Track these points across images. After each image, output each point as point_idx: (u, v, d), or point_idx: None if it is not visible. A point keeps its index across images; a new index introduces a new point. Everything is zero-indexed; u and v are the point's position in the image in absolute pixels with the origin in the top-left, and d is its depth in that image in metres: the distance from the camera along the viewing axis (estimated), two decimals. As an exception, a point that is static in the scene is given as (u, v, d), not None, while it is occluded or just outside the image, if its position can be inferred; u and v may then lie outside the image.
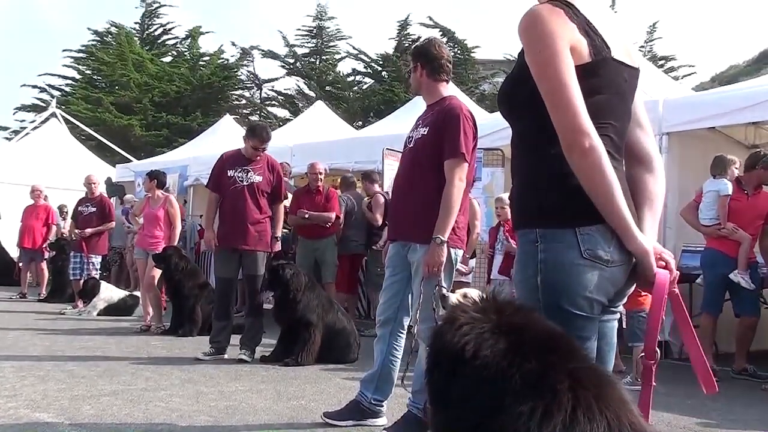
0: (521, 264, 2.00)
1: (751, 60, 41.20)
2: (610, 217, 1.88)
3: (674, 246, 7.22)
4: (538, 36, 1.90)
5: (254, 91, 33.72)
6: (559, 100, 1.86)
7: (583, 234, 1.89)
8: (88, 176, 10.93)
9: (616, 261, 1.91)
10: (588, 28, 1.95)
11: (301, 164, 11.12)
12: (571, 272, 1.89)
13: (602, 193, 1.87)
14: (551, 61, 1.87)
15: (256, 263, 6.63)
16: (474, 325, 1.68)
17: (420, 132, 4.14)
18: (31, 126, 21.96)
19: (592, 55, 1.93)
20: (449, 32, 28.96)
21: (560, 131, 1.87)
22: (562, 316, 1.88)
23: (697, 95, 8.45)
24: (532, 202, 1.98)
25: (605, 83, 1.97)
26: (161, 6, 33.66)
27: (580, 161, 1.85)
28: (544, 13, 1.92)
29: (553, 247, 1.91)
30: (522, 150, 2.07)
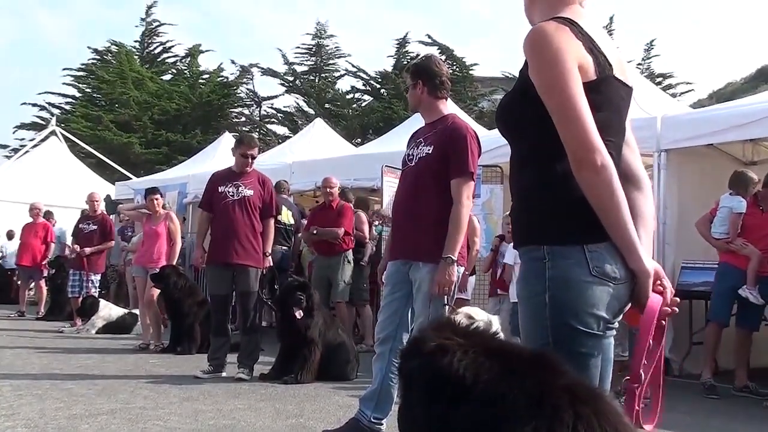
0: (527, 281, 1.99)
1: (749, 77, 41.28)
2: (617, 235, 1.88)
3: (674, 262, 7.22)
4: (546, 52, 1.90)
5: (254, 108, 33.83)
6: (570, 117, 1.86)
7: (592, 251, 1.89)
8: (90, 194, 10.92)
9: (621, 278, 1.91)
10: (592, 45, 1.96)
11: (301, 181, 11.16)
12: (579, 289, 1.88)
13: (611, 210, 1.87)
14: (561, 78, 1.87)
15: (248, 280, 6.60)
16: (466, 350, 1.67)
17: (424, 150, 4.14)
18: (30, 144, 21.99)
19: (596, 72, 1.94)
20: (448, 50, 29.07)
21: (571, 147, 1.87)
22: (570, 333, 1.89)
23: (695, 112, 8.47)
24: (539, 219, 1.98)
25: (607, 101, 1.97)
26: (161, 25, 33.86)
27: (592, 178, 1.85)
28: (551, 30, 1.92)
29: (562, 264, 1.90)
30: (525, 167, 2.06)
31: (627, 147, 2.14)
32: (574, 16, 2.00)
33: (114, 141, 26.75)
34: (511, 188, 2.14)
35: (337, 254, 8.59)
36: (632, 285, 1.94)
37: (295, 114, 31.46)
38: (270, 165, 10.88)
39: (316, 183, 11.01)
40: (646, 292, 1.91)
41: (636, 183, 2.11)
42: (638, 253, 1.89)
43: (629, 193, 2.08)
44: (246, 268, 6.58)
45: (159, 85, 30.79)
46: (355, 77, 31.11)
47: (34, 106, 30.85)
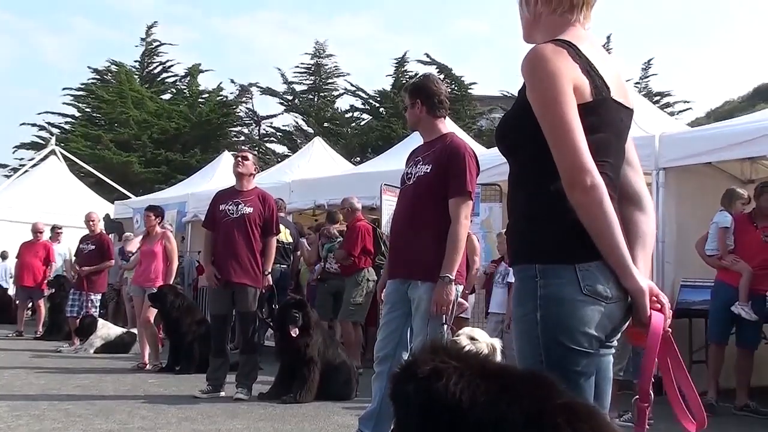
0: (520, 299, 2.00)
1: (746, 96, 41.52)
2: (608, 255, 1.90)
3: (673, 280, 7.22)
4: (542, 74, 1.92)
5: (253, 127, 33.96)
6: (562, 138, 1.88)
7: (583, 270, 1.90)
8: (87, 214, 10.92)
9: (613, 297, 1.92)
10: (589, 68, 1.98)
11: (300, 200, 11.17)
12: (571, 308, 1.90)
13: (602, 230, 1.88)
14: (555, 100, 1.89)
15: (247, 300, 6.58)
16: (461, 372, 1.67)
17: (422, 169, 4.15)
18: (30, 164, 22.02)
19: (593, 94, 1.96)
20: (446, 69, 29.19)
21: (562, 168, 1.89)
22: (561, 351, 1.90)
23: (693, 131, 8.49)
24: (532, 238, 2.00)
25: (604, 122, 1.99)
26: (161, 45, 34.02)
27: (582, 198, 1.87)
28: (548, 52, 1.94)
29: (553, 282, 1.92)
30: (520, 186, 2.08)
31: (629, 167, 2.16)
32: (574, 39, 2.02)
33: (113, 160, 26.79)
34: (508, 205, 2.16)
35: (350, 275, 8.62)
36: (626, 304, 1.94)
37: (294, 133, 31.56)
38: (269, 184, 10.88)
39: (315, 201, 11.04)
40: (644, 310, 1.91)
41: (637, 202, 2.13)
42: (631, 271, 1.90)
43: (630, 212, 2.09)
44: (245, 287, 6.56)
45: (158, 105, 30.89)
46: (353, 96, 31.26)
47: (34, 125, 30.97)
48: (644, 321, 1.91)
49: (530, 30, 2.15)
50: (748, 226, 6.63)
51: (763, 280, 6.42)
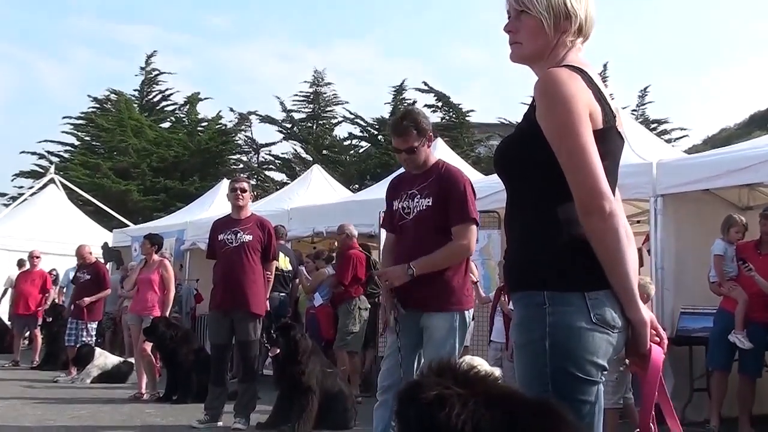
0: (524, 327, 1.97)
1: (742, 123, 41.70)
2: (618, 284, 1.88)
3: (673, 308, 7.19)
4: (559, 97, 1.90)
5: (252, 155, 33.99)
6: (582, 163, 1.87)
7: (592, 299, 1.89)
8: (78, 249, 10.86)
9: (620, 327, 1.91)
10: (600, 95, 1.98)
11: (299, 228, 11.16)
12: (580, 337, 1.87)
13: (615, 258, 1.87)
14: (574, 123, 1.88)
15: (246, 328, 6.55)
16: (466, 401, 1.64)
17: (422, 203, 4.12)
18: (29, 192, 22.02)
19: (603, 122, 1.95)
20: (444, 97, 29.34)
21: (580, 193, 1.87)
22: (568, 380, 1.88)
23: (691, 157, 8.52)
24: (539, 264, 1.97)
25: (609, 150, 1.99)
26: (160, 74, 34.20)
27: (600, 225, 1.86)
28: (564, 76, 1.93)
29: (563, 310, 1.89)
30: (526, 209, 2.05)
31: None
32: (582, 65, 2.02)
33: (112, 188, 26.80)
34: (507, 230, 2.13)
35: (343, 302, 8.60)
36: (627, 334, 1.93)
37: (293, 160, 31.61)
38: (268, 211, 10.87)
39: (314, 229, 11.02)
40: (644, 342, 1.90)
41: None
42: (637, 302, 1.90)
43: None
44: (244, 316, 6.53)
45: (158, 133, 30.97)
46: (352, 124, 31.34)
47: (33, 154, 30.96)
48: (643, 353, 1.90)
49: (541, 52, 2.07)
50: (753, 253, 6.62)
51: (763, 308, 6.39)
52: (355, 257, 8.60)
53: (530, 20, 2.04)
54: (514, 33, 2.10)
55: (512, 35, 2.10)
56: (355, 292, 8.56)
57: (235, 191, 6.72)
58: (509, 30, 2.10)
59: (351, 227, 8.77)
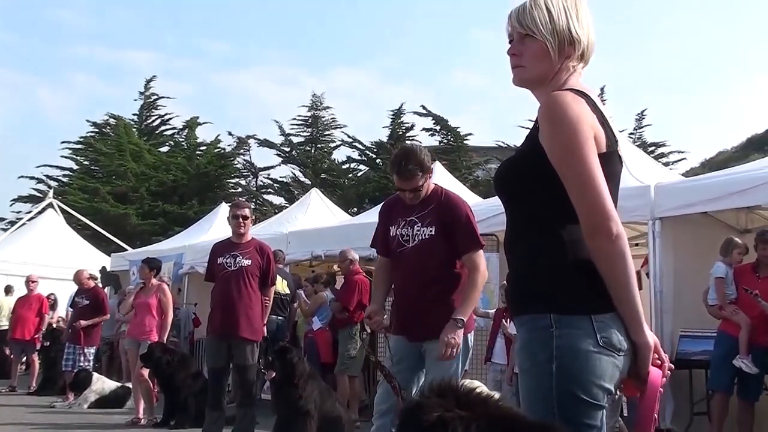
0: (530, 350, 1.96)
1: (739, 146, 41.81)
2: (625, 306, 1.88)
3: (672, 331, 7.17)
4: (565, 120, 1.91)
5: (250, 179, 34.06)
6: (588, 184, 1.87)
7: (599, 321, 1.88)
8: (76, 274, 10.84)
9: (625, 350, 1.90)
10: (603, 119, 1.99)
11: (297, 251, 11.14)
12: (587, 360, 1.86)
13: (622, 281, 1.87)
14: (580, 146, 1.88)
15: (244, 353, 6.51)
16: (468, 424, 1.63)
17: (425, 231, 4.12)
18: (27, 217, 22.02)
19: (607, 146, 1.96)
20: (442, 120, 29.43)
21: (586, 215, 1.88)
22: (575, 403, 1.87)
23: (689, 180, 8.54)
24: (545, 287, 1.96)
25: (611, 174, 2.00)
26: (159, 98, 34.33)
27: (606, 246, 1.86)
28: (569, 99, 1.94)
29: (570, 333, 1.88)
30: (530, 231, 2.04)
31: None
32: (585, 89, 2.03)
33: (110, 212, 26.80)
34: (509, 253, 2.12)
35: (344, 327, 8.57)
36: (631, 357, 1.92)
37: (292, 184, 31.63)
38: (266, 235, 10.87)
39: (312, 253, 11.01)
40: (646, 366, 1.89)
41: None
42: (642, 325, 1.89)
43: None
44: (242, 340, 6.50)
45: (156, 157, 31.06)
46: (350, 147, 31.38)
47: (32, 179, 31.01)
48: (643, 376, 1.89)
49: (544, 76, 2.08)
50: (751, 276, 6.61)
51: (764, 331, 6.37)
52: (360, 283, 8.56)
53: (535, 44, 2.05)
54: (517, 56, 2.10)
55: (516, 59, 2.10)
56: (357, 318, 8.52)
57: (237, 218, 6.70)
58: (513, 53, 2.11)
59: (353, 253, 8.75)
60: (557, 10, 2.04)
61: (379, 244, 4.43)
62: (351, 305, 8.45)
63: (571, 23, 2.03)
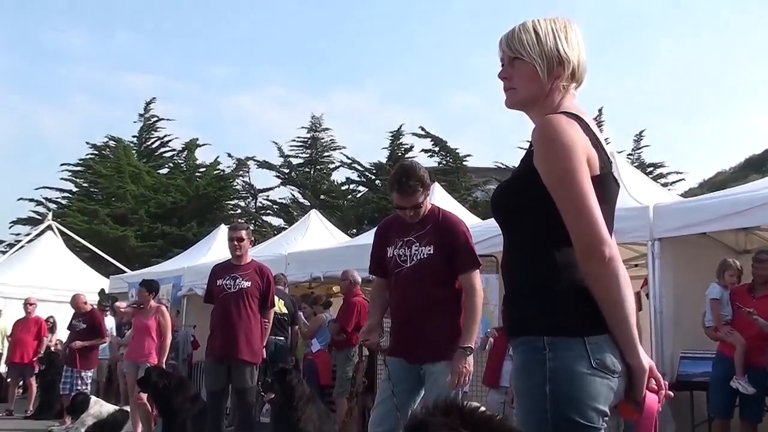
0: (525, 372, 1.97)
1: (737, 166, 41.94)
2: (619, 329, 1.88)
3: (672, 352, 7.14)
4: (558, 144, 1.92)
5: (249, 200, 34.11)
6: (582, 209, 1.88)
7: (592, 344, 1.89)
8: (74, 298, 10.79)
9: (619, 372, 1.90)
10: (597, 142, 2.00)
11: (296, 273, 11.12)
12: (581, 382, 1.87)
13: (616, 304, 1.88)
14: (574, 170, 1.89)
15: (243, 375, 6.47)
16: None
17: (423, 251, 4.12)
18: (26, 239, 22.00)
19: (600, 168, 1.97)
20: (441, 142, 29.52)
21: (580, 238, 1.88)
22: (570, 426, 1.86)
23: (687, 201, 8.54)
24: (538, 309, 1.96)
25: (606, 196, 2.01)
26: (159, 120, 34.44)
27: (600, 270, 1.86)
28: (562, 123, 1.95)
29: (563, 355, 1.89)
30: (522, 255, 2.06)
31: None
32: (578, 112, 2.04)
33: (109, 234, 26.79)
34: (505, 275, 2.13)
35: (341, 349, 8.52)
36: (626, 379, 1.92)
37: (291, 205, 31.67)
38: (265, 256, 10.87)
39: (311, 274, 10.99)
40: (641, 390, 1.89)
41: None
42: (637, 349, 1.89)
43: None
44: (242, 363, 6.47)
45: (156, 179, 31.11)
46: (349, 169, 31.49)
47: (31, 201, 31.06)
48: (638, 400, 1.89)
49: (535, 98, 2.10)
50: (746, 297, 6.60)
51: (761, 352, 6.34)
52: (359, 305, 8.53)
53: (524, 66, 2.08)
54: (508, 79, 2.13)
55: (507, 81, 2.13)
56: (355, 340, 8.47)
57: (232, 241, 6.71)
58: (503, 77, 2.14)
59: (355, 273, 8.73)
60: (545, 32, 2.06)
61: (374, 265, 4.43)
62: (349, 327, 8.42)
63: (559, 43, 2.06)
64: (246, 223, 9.70)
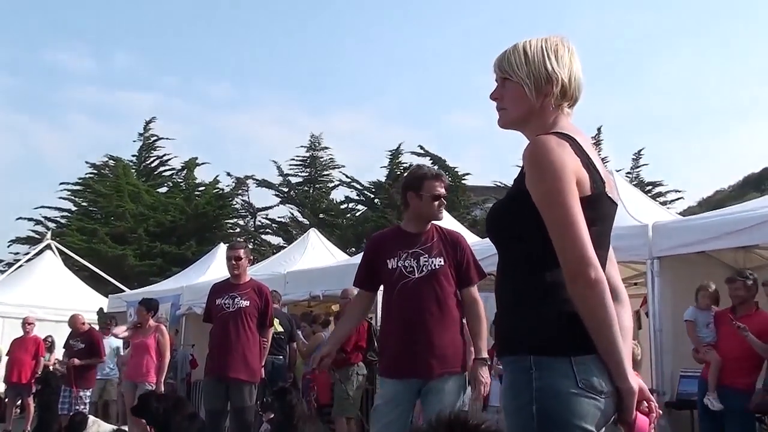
0: (513, 391, 1.97)
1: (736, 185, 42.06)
2: (605, 351, 1.88)
3: (672, 371, 7.12)
4: (547, 165, 1.93)
5: (248, 219, 34.13)
6: (568, 230, 1.89)
7: (579, 364, 1.88)
8: (72, 319, 10.74)
9: (607, 393, 1.90)
10: (588, 162, 2.00)
11: (295, 291, 11.11)
12: (567, 402, 1.86)
13: (601, 325, 1.87)
14: (561, 191, 1.90)
15: (242, 395, 6.45)
16: None
17: (433, 262, 4.14)
18: (24, 258, 21.98)
19: (592, 189, 1.98)
20: (440, 160, 29.59)
21: (566, 260, 1.89)
22: None
23: (686, 220, 8.55)
24: (526, 329, 1.97)
25: (599, 216, 2.01)
26: (159, 139, 34.54)
27: (585, 291, 1.86)
28: (552, 144, 1.96)
29: (549, 375, 1.89)
30: (512, 275, 2.08)
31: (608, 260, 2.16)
32: (572, 132, 2.05)
33: (108, 253, 26.78)
34: (497, 294, 2.15)
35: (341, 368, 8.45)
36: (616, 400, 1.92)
37: (290, 224, 31.70)
38: (264, 275, 10.87)
39: (310, 293, 10.98)
40: (630, 413, 1.90)
41: (616, 295, 2.10)
42: (624, 370, 1.89)
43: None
44: (240, 382, 6.44)
45: (155, 198, 31.15)
46: (348, 187, 31.59)
47: (30, 220, 31.07)
48: (629, 422, 1.89)
49: (526, 117, 2.12)
50: (725, 318, 6.57)
51: (742, 373, 6.30)
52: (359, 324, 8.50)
53: (513, 87, 2.11)
54: (499, 100, 2.17)
55: (498, 102, 2.17)
56: (354, 359, 8.45)
57: (230, 260, 6.73)
58: (494, 98, 2.18)
59: (355, 292, 8.66)
60: (533, 52, 2.09)
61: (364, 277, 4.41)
62: (348, 346, 8.38)
63: (547, 61, 2.08)
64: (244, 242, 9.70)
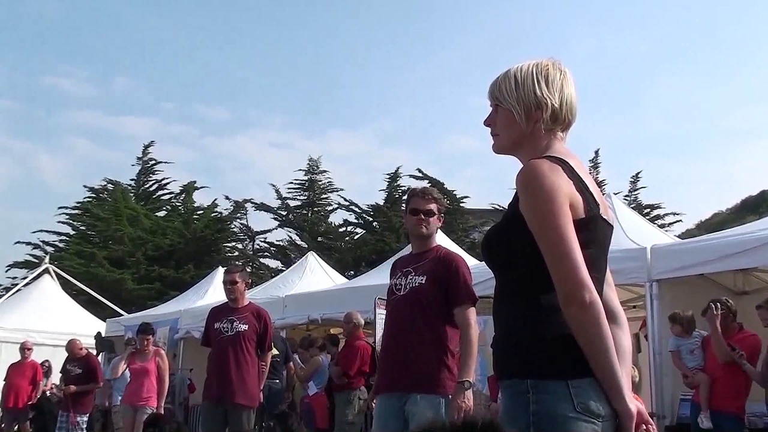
0: (511, 415, 1.97)
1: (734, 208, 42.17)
2: (602, 374, 1.88)
3: (672, 395, 7.09)
4: (540, 189, 1.94)
5: (247, 242, 34.09)
6: (562, 253, 1.89)
7: (576, 387, 1.88)
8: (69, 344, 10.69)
9: (605, 416, 1.89)
10: (581, 185, 2.02)
11: (294, 315, 11.09)
12: (564, 425, 1.86)
13: (597, 348, 1.87)
14: (554, 215, 1.91)
15: (240, 419, 6.40)
16: None
17: (415, 280, 4.14)
18: (22, 282, 21.91)
19: (585, 211, 1.99)
20: (439, 183, 29.64)
21: (560, 284, 1.89)
22: None
23: (685, 242, 8.57)
24: (523, 353, 1.98)
25: (593, 238, 2.02)
26: (157, 163, 34.61)
27: (580, 315, 1.86)
28: (545, 168, 1.97)
29: (546, 398, 1.89)
30: (510, 298, 2.08)
31: (606, 283, 2.16)
32: (564, 156, 2.06)
33: (106, 277, 26.71)
34: (494, 318, 2.15)
35: (341, 391, 8.42)
36: (615, 423, 1.91)
37: (288, 247, 31.66)
38: (263, 299, 10.85)
39: (309, 316, 10.96)
40: None
41: (615, 319, 2.11)
42: (622, 393, 1.88)
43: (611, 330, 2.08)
44: (239, 407, 6.40)
45: (153, 222, 31.13)
46: (347, 211, 31.59)
47: (28, 244, 31.01)
48: None
49: (518, 142, 2.15)
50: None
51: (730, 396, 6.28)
52: (363, 349, 8.43)
53: (504, 113, 2.14)
54: (492, 126, 2.20)
55: (492, 128, 2.21)
56: (356, 383, 8.39)
57: (225, 284, 6.73)
58: (488, 123, 2.22)
59: (358, 316, 8.64)
60: (523, 77, 2.12)
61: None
62: (352, 371, 8.33)
63: (537, 87, 2.10)
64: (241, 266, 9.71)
